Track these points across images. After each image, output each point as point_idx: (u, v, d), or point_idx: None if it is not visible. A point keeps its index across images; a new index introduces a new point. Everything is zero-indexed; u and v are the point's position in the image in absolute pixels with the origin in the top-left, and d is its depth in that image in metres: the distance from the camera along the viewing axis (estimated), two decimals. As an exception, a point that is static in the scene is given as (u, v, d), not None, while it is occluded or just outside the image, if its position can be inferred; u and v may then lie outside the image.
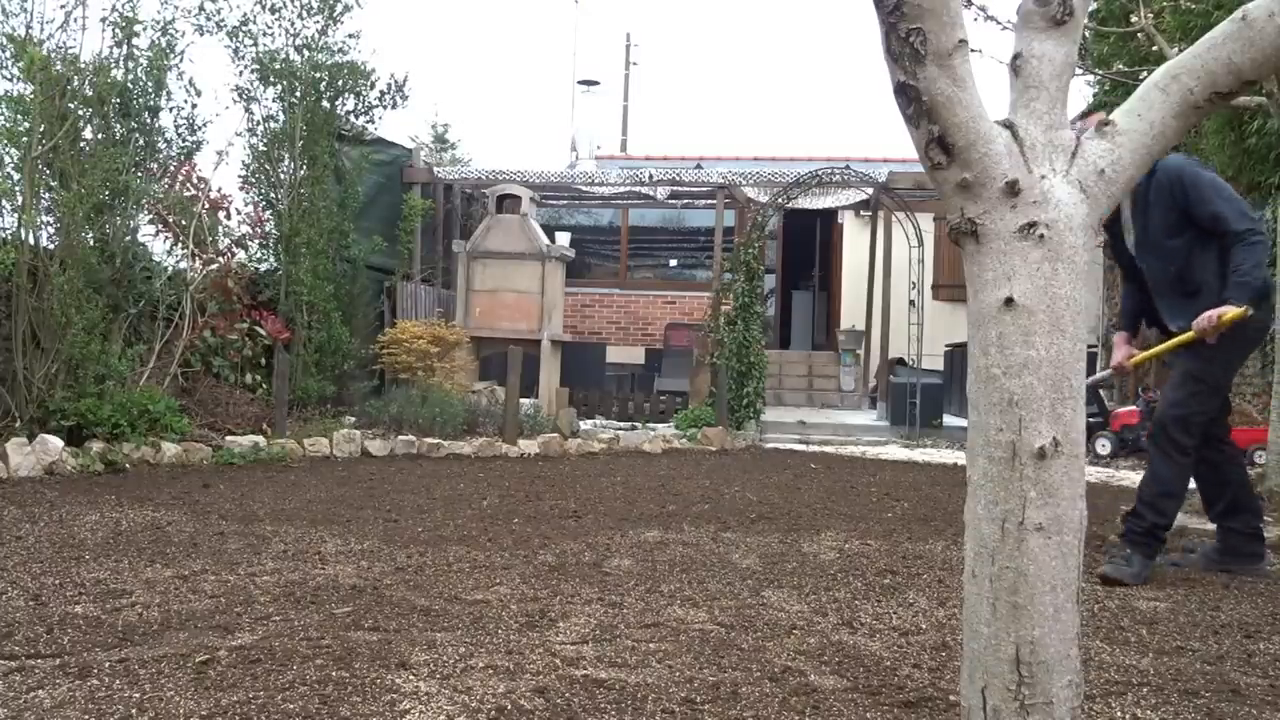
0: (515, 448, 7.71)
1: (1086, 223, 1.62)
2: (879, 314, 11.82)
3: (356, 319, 9.51)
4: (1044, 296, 1.59)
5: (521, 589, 3.45)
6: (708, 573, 3.80)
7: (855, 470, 7.53)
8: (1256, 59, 1.61)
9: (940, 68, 1.54)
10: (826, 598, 3.47)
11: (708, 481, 6.54)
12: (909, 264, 11.23)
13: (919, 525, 5.08)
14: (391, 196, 11.00)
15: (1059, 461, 1.59)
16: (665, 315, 14.02)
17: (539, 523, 4.80)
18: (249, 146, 8.96)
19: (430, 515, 4.92)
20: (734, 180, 11.59)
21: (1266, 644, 3.04)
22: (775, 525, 4.94)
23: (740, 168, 12.97)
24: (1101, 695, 2.50)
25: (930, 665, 2.72)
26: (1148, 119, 1.66)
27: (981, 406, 1.63)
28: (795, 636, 2.97)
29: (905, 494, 6.24)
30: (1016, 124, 1.63)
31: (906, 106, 1.58)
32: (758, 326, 10.12)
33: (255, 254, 9.09)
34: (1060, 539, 1.60)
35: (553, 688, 2.44)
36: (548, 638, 2.87)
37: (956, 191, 1.61)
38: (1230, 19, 1.64)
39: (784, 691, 2.47)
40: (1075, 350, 1.61)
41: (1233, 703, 2.48)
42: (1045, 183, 1.60)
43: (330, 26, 9.13)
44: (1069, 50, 1.66)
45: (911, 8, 1.52)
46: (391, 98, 9.78)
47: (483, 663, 2.62)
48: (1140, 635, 3.10)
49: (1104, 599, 3.56)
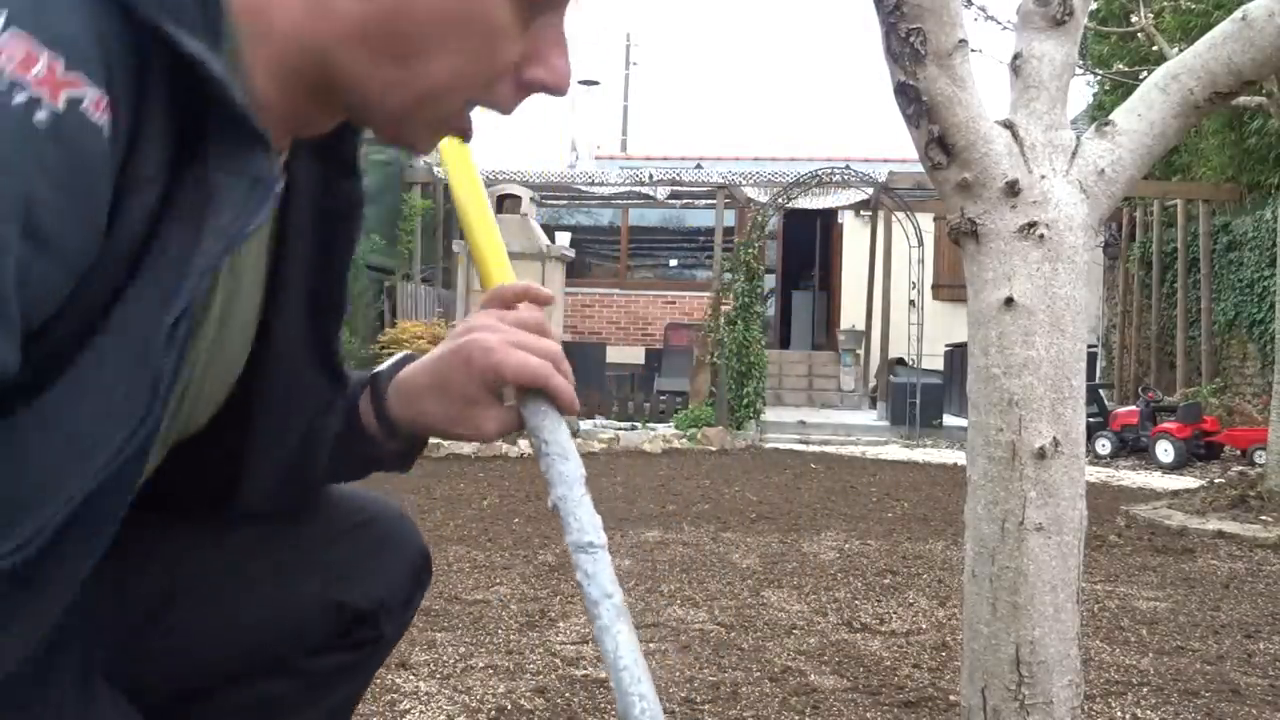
0: (515, 448, 7.71)
1: (1086, 223, 1.62)
2: (879, 314, 11.82)
3: (356, 319, 9.52)
4: (1044, 296, 1.59)
5: (521, 589, 3.46)
6: (708, 573, 3.80)
7: (855, 470, 7.53)
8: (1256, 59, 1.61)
9: (940, 68, 1.54)
10: (826, 598, 3.47)
11: (708, 481, 6.54)
12: (909, 264, 11.23)
13: (919, 525, 5.08)
14: (391, 196, 11.00)
15: (1059, 461, 1.59)
16: (665, 315, 14.01)
17: (539, 523, 4.80)
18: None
19: (430, 515, 4.92)
20: (734, 180, 11.59)
21: (1266, 644, 3.04)
22: (775, 525, 4.94)
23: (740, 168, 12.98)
24: (1101, 695, 2.50)
25: (930, 665, 2.72)
26: (1148, 119, 1.66)
27: (981, 406, 1.63)
28: (795, 636, 2.97)
29: (905, 494, 6.24)
30: (1016, 124, 1.63)
31: (906, 106, 1.58)
32: (758, 326, 10.12)
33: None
34: (1060, 539, 1.60)
35: (553, 688, 2.44)
36: (548, 638, 2.87)
37: (956, 191, 1.61)
38: (1230, 19, 1.64)
39: (784, 691, 2.47)
40: (1075, 350, 1.61)
41: (1233, 703, 2.48)
42: (1045, 183, 1.60)
43: (330, 26, 9.14)
44: (1069, 50, 1.66)
45: (911, 8, 1.52)
46: (391, 98, 9.78)
47: (483, 663, 2.62)
48: (1140, 635, 3.10)
49: (1104, 599, 3.56)
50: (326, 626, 0.97)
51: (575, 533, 0.85)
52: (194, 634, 0.92)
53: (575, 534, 0.84)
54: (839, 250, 15.20)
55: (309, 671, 0.98)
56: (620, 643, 0.79)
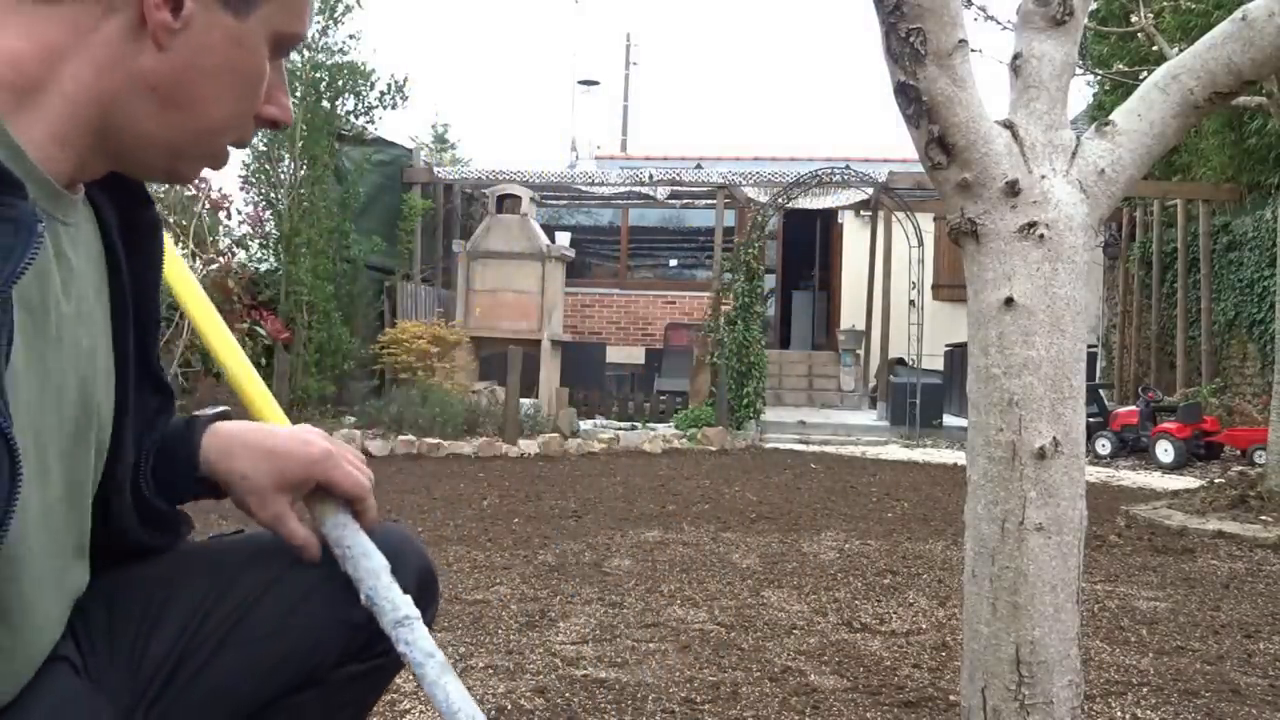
0: (515, 448, 7.71)
1: (1086, 223, 1.62)
2: (879, 314, 11.82)
3: (356, 319, 9.51)
4: (1044, 296, 1.59)
5: (521, 589, 3.45)
6: (708, 573, 3.80)
7: (855, 470, 7.53)
8: (1256, 59, 1.61)
9: (940, 68, 1.54)
10: (826, 598, 3.47)
11: (708, 481, 6.54)
12: (909, 264, 11.22)
13: (919, 525, 5.08)
14: (391, 196, 10.99)
15: (1059, 461, 1.59)
16: (665, 315, 14.00)
17: (539, 523, 4.80)
18: (249, 146, 8.96)
19: (430, 515, 4.91)
20: (734, 180, 11.58)
21: (1266, 644, 3.04)
22: (775, 525, 4.94)
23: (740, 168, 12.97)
24: (1101, 695, 2.50)
25: (930, 665, 2.72)
26: (1148, 119, 1.66)
27: (981, 406, 1.63)
28: (795, 636, 2.97)
29: (905, 494, 6.24)
30: (1016, 124, 1.63)
31: (906, 106, 1.58)
32: (758, 326, 10.12)
33: (255, 254, 9.10)
34: (1060, 539, 1.60)
35: (553, 688, 2.44)
36: (548, 638, 2.87)
37: (956, 191, 1.61)
38: (1230, 19, 1.64)
39: (784, 691, 2.47)
40: (1075, 350, 1.61)
41: (1233, 703, 2.48)
42: (1045, 183, 1.60)
43: (331, 27, 9.14)
44: (1069, 50, 1.66)
45: (911, 8, 1.52)
46: (392, 98, 9.78)
47: (483, 663, 2.62)
48: (1140, 635, 3.10)
49: (1104, 599, 3.56)
50: (342, 646, 1.02)
51: (391, 613, 0.96)
52: (215, 683, 0.97)
53: (391, 613, 0.96)
54: (839, 250, 15.20)
55: (329, 681, 1.03)
56: (450, 693, 0.93)
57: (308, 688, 1.01)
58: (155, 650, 0.95)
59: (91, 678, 0.91)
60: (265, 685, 0.99)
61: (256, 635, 0.98)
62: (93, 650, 0.93)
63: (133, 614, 0.96)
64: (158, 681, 0.94)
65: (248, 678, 0.98)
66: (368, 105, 9.74)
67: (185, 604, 0.98)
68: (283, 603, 1.00)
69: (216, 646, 0.97)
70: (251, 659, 0.98)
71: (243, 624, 0.98)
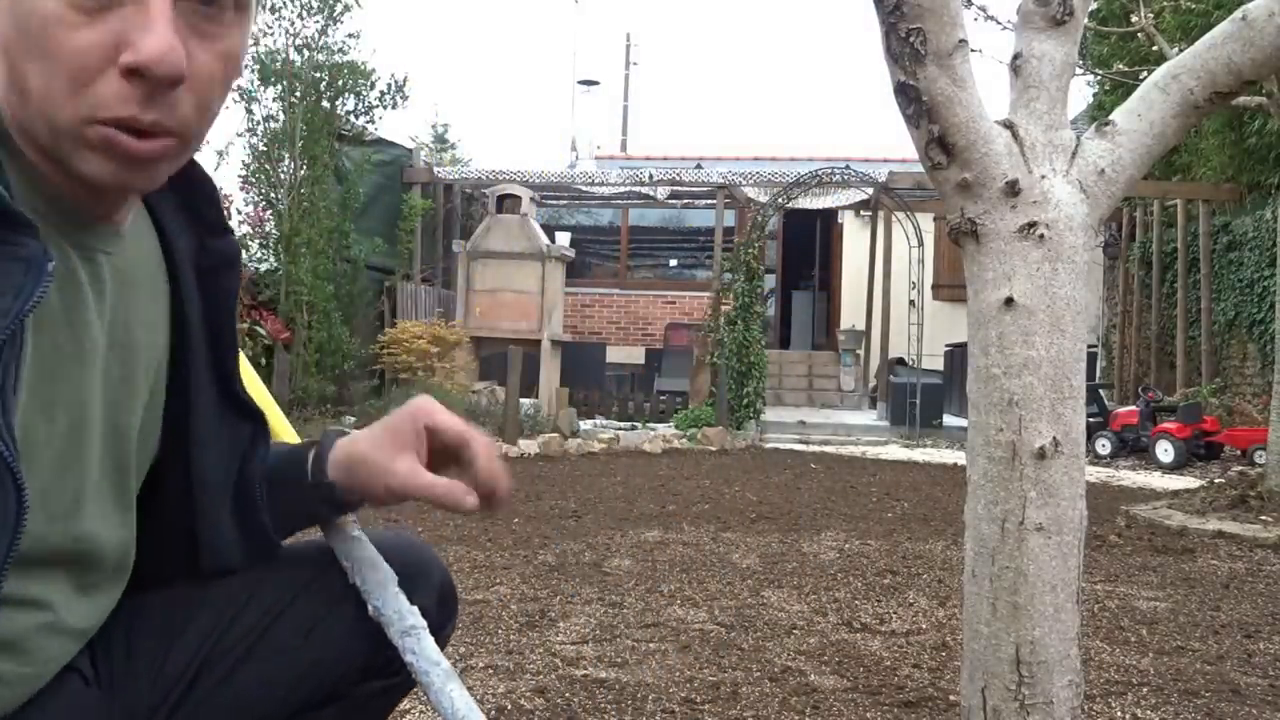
0: (515, 448, 7.71)
1: (1086, 223, 1.62)
2: (879, 314, 11.82)
3: (356, 319, 9.51)
4: (1044, 296, 1.59)
5: (521, 589, 3.46)
6: (708, 573, 3.80)
7: (855, 470, 7.53)
8: (1256, 59, 1.61)
9: (940, 68, 1.54)
10: (826, 598, 3.47)
11: (708, 481, 6.54)
12: (909, 264, 11.22)
13: (919, 525, 5.08)
14: (391, 196, 10.99)
15: (1059, 461, 1.59)
16: (665, 315, 14.00)
17: (539, 522, 4.80)
18: (249, 146, 8.97)
19: (430, 515, 4.92)
20: (734, 180, 11.58)
21: (1266, 644, 3.04)
22: (775, 525, 4.94)
23: (740, 168, 12.97)
24: (1101, 695, 2.50)
25: (930, 665, 2.72)
26: (1148, 119, 1.66)
27: (981, 406, 1.63)
28: (795, 636, 2.97)
29: (905, 494, 6.24)
30: (1016, 124, 1.63)
31: (906, 106, 1.58)
32: (758, 326, 10.12)
33: (255, 254, 9.09)
34: (1060, 539, 1.59)
35: (553, 688, 2.44)
36: (548, 638, 2.87)
37: (956, 191, 1.61)
38: (1230, 19, 1.64)
39: (784, 691, 2.47)
40: (1075, 350, 1.61)
41: (1233, 703, 2.48)
42: (1045, 183, 1.60)
43: (330, 26, 9.13)
44: (1069, 50, 1.65)
45: (911, 8, 1.52)
46: (391, 98, 9.78)
47: (483, 663, 2.62)
48: (1140, 635, 3.10)
49: (1104, 599, 3.56)
50: (365, 661, 1.02)
51: (397, 623, 0.98)
52: (237, 694, 0.96)
53: (398, 623, 0.98)
54: (839, 250, 15.19)
55: (351, 696, 1.03)
56: (455, 699, 0.94)
57: (330, 702, 1.01)
58: (176, 659, 0.95)
59: (103, 686, 0.91)
60: (287, 698, 0.98)
61: (280, 648, 0.98)
62: (107, 659, 0.92)
63: (155, 622, 0.96)
64: (178, 690, 0.94)
65: (270, 690, 0.97)
66: (368, 105, 9.73)
67: (209, 615, 0.97)
68: (307, 616, 0.99)
69: (239, 658, 0.96)
70: (274, 671, 0.97)
71: (266, 636, 0.98)
